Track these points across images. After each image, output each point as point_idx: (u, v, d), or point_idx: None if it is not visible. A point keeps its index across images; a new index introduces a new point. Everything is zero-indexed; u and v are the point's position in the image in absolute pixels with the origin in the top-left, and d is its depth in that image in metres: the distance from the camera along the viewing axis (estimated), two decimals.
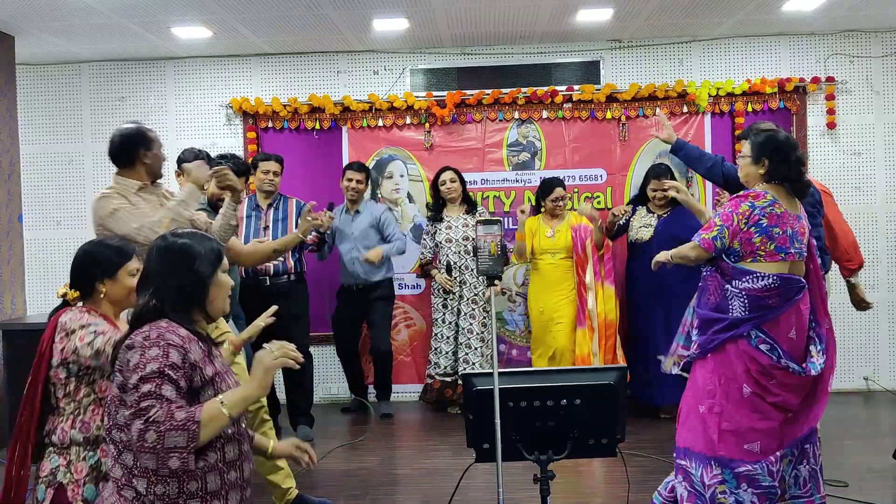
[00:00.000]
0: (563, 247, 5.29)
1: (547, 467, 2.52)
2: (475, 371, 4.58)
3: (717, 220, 3.02)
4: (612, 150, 6.01)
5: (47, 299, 6.22)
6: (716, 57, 6.02)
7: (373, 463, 4.61)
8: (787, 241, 2.96)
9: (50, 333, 2.40)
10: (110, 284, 2.46)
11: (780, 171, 3.02)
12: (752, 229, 2.95)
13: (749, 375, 2.94)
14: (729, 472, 2.94)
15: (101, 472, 2.36)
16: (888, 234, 5.96)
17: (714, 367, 3.01)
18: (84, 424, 2.37)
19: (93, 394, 2.39)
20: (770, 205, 2.97)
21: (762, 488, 2.92)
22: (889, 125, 5.97)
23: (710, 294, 3.06)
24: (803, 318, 3.00)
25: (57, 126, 6.24)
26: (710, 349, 3.02)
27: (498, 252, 2.63)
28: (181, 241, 2.11)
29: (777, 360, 2.91)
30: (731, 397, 2.96)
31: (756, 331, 2.93)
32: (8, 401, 4.67)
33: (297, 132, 6.10)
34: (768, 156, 3.04)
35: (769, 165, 3.03)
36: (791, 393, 2.96)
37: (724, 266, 3.00)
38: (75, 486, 2.35)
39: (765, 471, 2.93)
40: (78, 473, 2.36)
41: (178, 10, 4.97)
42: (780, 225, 2.96)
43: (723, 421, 2.96)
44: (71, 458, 2.36)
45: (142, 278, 2.12)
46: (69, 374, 2.36)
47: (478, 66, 6.09)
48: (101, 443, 2.37)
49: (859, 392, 5.93)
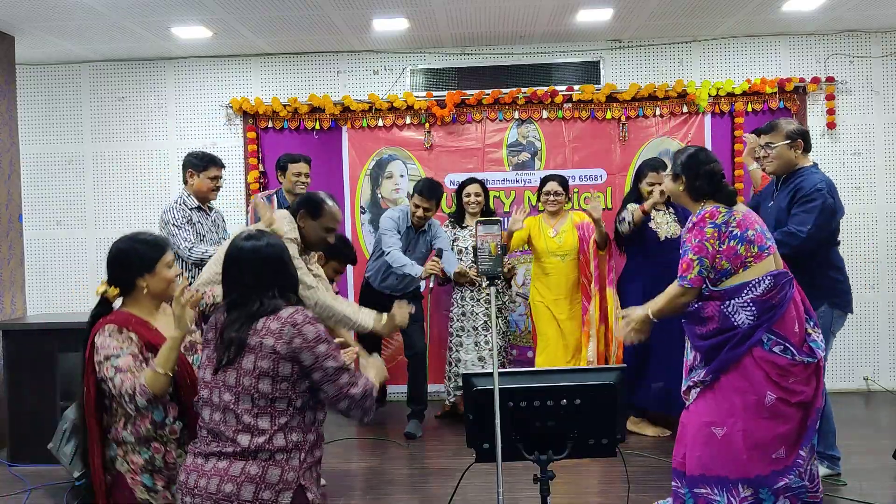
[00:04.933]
0: (571, 248, 5.10)
1: (547, 467, 2.52)
2: (475, 371, 4.57)
3: (689, 255, 2.97)
4: (612, 150, 6.01)
5: (47, 299, 6.23)
6: (716, 57, 6.03)
7: (373, 463, 4.61)
8: (762, 237, 2.98)
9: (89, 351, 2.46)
10: (150, 279, 2.53)
11: (698, 187, 3.06)
12: (731, 243, 2.94)
13: (769, 381, 2.89)
14: (766, 491, 2.89)
15: (155, 466, 2.46)
16: (888, 234, 5.97)
17: (728, 386, 2.95)
18: (135, 427, 2.45)
19: None
20: (728, 215, 2.97)
21: (793, 490, 2.91)
22: (889, 125, 5.97)
23: (707, 323, 3.00)
24: (800, 308, 3.00)
25: (57, 126, 6.24)
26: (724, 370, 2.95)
27: (498, 252, 2.63)
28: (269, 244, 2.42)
29: (792, 358, 2.90)
30: (751, 410, 2.90)
31: (768, 334, 2.92)
32: (8, 400, 4.67)
33: (297, 132, 6.10)
34: (683, 173, 3.09)
35: (686, 182, 3.08)
36: (808, 385, 2.94)
37: (716, 294, 2.97)
38: (133, 475, 2.45)
39: (796, 475, 2.91)
40: (134, 464, 2.45)
41: (178, 10, 4.97)
42: (749, 226, 2.97)
43: (747, 437, 2.90)
44: (126, 450, 2.46)
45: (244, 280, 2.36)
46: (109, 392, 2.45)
47: (478, 66, 6.09)
48: (152, 440, 2.46)
49: (859, 392, 5.93)
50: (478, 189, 5.36)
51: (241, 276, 2.33)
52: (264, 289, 2.31)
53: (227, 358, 2.25)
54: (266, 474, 2.21)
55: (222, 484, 2.19)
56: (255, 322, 2.26)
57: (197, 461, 2.27)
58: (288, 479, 2.23)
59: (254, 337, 2.25)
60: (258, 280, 2.32)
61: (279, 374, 2.23)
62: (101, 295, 2.52)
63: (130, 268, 2.51)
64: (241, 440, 2.22)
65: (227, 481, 2.19)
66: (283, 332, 2.23)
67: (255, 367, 2.23)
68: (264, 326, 2.25)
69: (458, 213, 5.48)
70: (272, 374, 2.23)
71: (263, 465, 2.22)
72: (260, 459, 2.22)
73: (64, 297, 6.25)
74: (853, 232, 5.92)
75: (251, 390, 2.23)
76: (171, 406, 2.49)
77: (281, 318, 2.25)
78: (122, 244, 2.55)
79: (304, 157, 5.01)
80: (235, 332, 2.25)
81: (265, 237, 2.39)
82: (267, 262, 2.35)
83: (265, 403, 2.24)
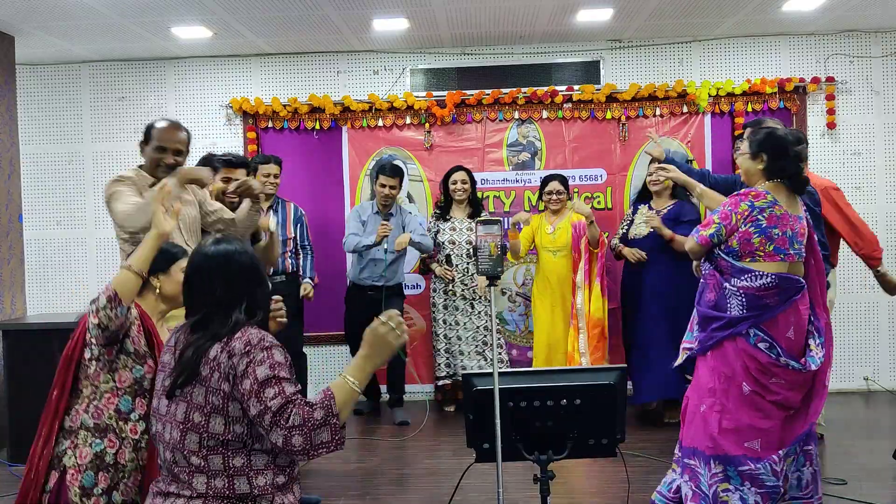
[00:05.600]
0: (563, 244, 5.27)
1: (547, 467, 2.52)
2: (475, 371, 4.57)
3: (715, 217, 3.03)
4: (612, 150, 6.01)
5: (47, 299, 6.22)
6: (716, 57, 6.03)
7: (373, 463, 4.61)
8: (786, 242, 2.96)
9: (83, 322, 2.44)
10: (164, 279, 2.56)
11: (779, 166, 3.02)
12: (749, 228, 2.95)
13: (748, 374, 2.95)
14: (733, 470, 2.94)
15: (104, 462, 2.40)
16: (888, 234, 5.96)
17: (714, 365, 3.03)
18: (97, 410, 2.41)
19: (112, 381, 2.44)
20: (770, 206, 2.97)
21: (766, 488, 2.92)
22: (889, 125, 5.97)
23: (710, 291, 3.07)
24: (802, 319, 3.00)
25: (57, 126, 6.24)
26: (710, 347, 3.03)
27: (498, 252, 2.63)
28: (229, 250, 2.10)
29: (776, 358, 2.91)
30: (732, 395, 2.97)
31: (755, 329, 2.94)
32: (8, 400, 4.67)
33: (297, 132, 6.10)
34: (767, 151, 3.04)
35: (768, 161, 3.03)
36: (792, 391, 2.95)
37: (724, 264, 3.01)
38: (75, 471, 2.38)
39: (768, 470, 2.92)
40: (81, 458, 2.39)
41: (178, 10, 4.97)
42: (779, 226, 2.96)
43: (723, 419, 2.96)
44: (77, 442, 2.40)
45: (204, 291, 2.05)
46: (91, 356, 2.41)
47: (478, 66, 6.09)
48: (109, 432, 2.41)
49: (859, 392, 5.93)
50: (464, 176, 5.48)
51: (209, 288, 2.04)
52: (233, 303, 2.03)
53: (179, 383, 1.96)
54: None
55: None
56: (210, 348, 1.96)
57: (155, 501, 2.02)
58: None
59: (205, 367, 1.95)
60: (228, 292, 2.03)
61: (229, 414, 1.93)
62: None
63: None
64: (197, 484, 1.94)
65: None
66: (231, 367, 1.93)
67: (207, 403, 1.94)
68: (215, 358, 1.95)
69: (444, 203, 5.57)
70: (223, 414, 1.93)
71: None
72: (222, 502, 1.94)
73: (64, 297, 6.24)
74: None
75: (199, 429, 1.94)
76: (140, 401, 2.46)
77: (231, 351, 1.94)
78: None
79: (274, 159, 5.20)
80: (191, 354, 1.96)
81: (235, 242, 2.12)
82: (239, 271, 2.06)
83: (215, 444, 1.94)
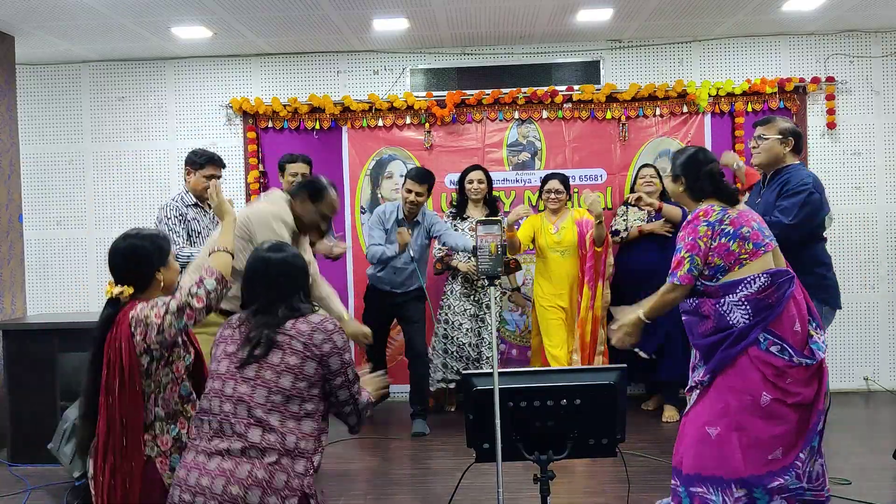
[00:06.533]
0: (570, 243, 5.20)
1: (547, 467, 2.52)
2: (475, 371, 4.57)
3: (682, 252, 2.98)
4: (611, 150, 6.01)
5: (47, 299, 6.23)
6: (716, 57, 6.03)
7: (373, 463, 4.61)
8: (758, 235, 2.98)
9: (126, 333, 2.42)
10: (165, 272, 2.59)
11: (698, 187, 3.09)
12: (723, 240, 2.94)
13: (766, 381, 2.88)
14: (760, 490, 2.87)
15: (181, 442, 2.51)
16: (888, 234, 5.97)
17: (724, 385, 2.94)
18: (165, 401, 2.49)
19: (171, 373, 2.52)
20: (722, 213, 2.99)
21: (790, 491, 2.89)
22: (889, 125, 5.97)
23: (705, 321, 3.00)
24: (802, 308, 2.98)
25: (57, 126, 6.24)
26: (720, 370, 2.95)
27: (498, 252, 2.64)
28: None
29: (790, 359, 2.89)
30: (748, 410, 2.89)
31: (764, 334, 2.91)
32: (8, 401, 4.67)
33: (297, 132, 6.10)
34: (683, 174, 3.12)
35: (686, 183, 3.11)
36: (807, 387, 2.92)
37: (711, 290, 2.97)
38: (163, 458, 2.47)
39: (793, 476, 2.88)
40: (164, 445, 2.48)
41: (178, 10, 4.97)
42: (744, 223, 2.97)
43: (743, 437, 2.89)
44: (156, 432, 2.47)
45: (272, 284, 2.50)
46: (152, 360, 2.45)
47: (478, 66, 6.09)
48: (179, 416, 2.52)
49: (859, 392, 5.93)
50: (481, 176, 5.40)
51: (266, 288, 2.47)
52: (288, 297, 2.46)
53: (257, 353, 2.35)
54: (273, 479, 2.23)
55: (228, 486, 2.21)
56: (283, 323, 2.40)
57: (198, 459, 2.29)
58: (293, 485, 2.25)
59: (282, 335, 2.37)
60: (282, 291, 2.46)
61: (303, 372, 2.34)
62: (114, 296, 2.50)
63: (150, 262, 2.54)
64: (252, 435, 2.27)
65: (232, 483, 2.21)
66: (314, 336, 2.38)
67: (282, 362, 2.34)
68: (293, 327, 2.39)
69: (459, 203, 5.51)
70: (296, 372, 2.33)
71: (270, 469, 2.24)
72: (266, 462, 2.24)
73: (64, 297, 6.25)
74: (853, 232, 5.93)
75: (270, 384, 2.31)
76: (190, 381, 2.59)
77: (311, 321, 2.41)
78: (134, 241, 2.55)
79: (303, 157, 5.11)
80: (266, 330, 2.37)
81: (288, 248, 2.59)
82: (292, 273, 2.52)
83: (280, 400, 2.31)
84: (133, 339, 2.41)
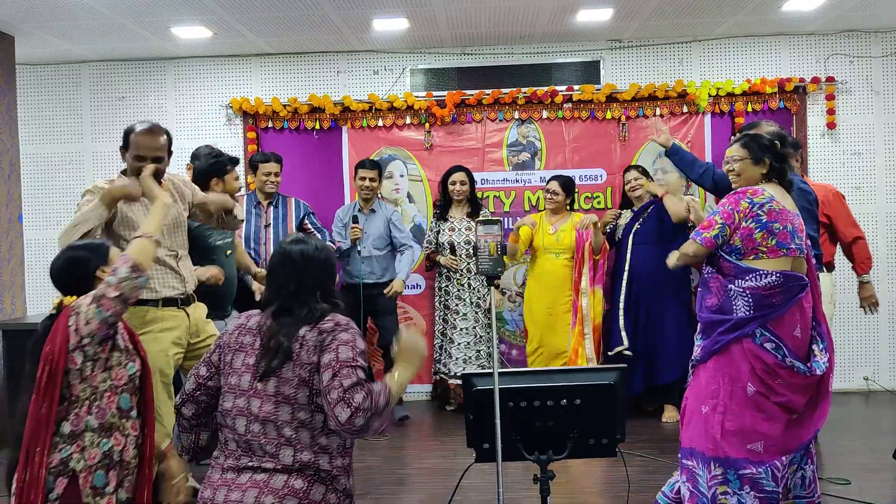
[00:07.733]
0: (567, 246, 5.26)
1: (547, 467, 2.52)
2: (475, 371, 4.58)
3: (717, 217, 3.02)
4: (611, 150, 6.01)
5: (47, 299, 6.21)
6: (716, 57, 6.02)
7: (373, 462, 4.61)
8: (787, 236, 2.97)
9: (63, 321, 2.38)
10: (106, 268, 2.53)
11: (780, 169, 3.10)
12: (751, 224, 2.96)
13: (754, 374, 2.93)
14: (733, 473, 2.93)
15: (112, 460, 2.39)
16: (888, 234, 5.97)
17: (718, 367, 3.00)
18: (100, 410, 2.38)
19: (109, 380, 2.41)
20: (769, 201, 2.99)
21: (765, 492, 2.91)
22: (889, 125, 5.97)
23: (713, 296, 3.05)
24: (807, 316, 3.00)
25: (57, 126, 6.24)
26: (715, 351, 3.00)
27: (498, 252, 2.63)
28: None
29: (782, 359, 2.90)
30: (736, 397, 2.95)
31: (761, 329, 2.92)
32: (8, 401, 4.66)
33: (297, 132, 6.10)
34: (769, 155, 3.10)
35: (771, 164, 3.10)
36: (796, 393, 2.94)
37: (726, 265, 3.00)
38: (87, 473, 2.35)
39: (769, 475, 2.91)
40: (91, 459, 2.36)
41: (178, 10, 4.97)
42: (779, 220, 2.97)
43: (726, 420, 2.94)
44: (85, 444, 2.37)
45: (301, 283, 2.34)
46: (85, 358, 2.37)
47: (478, 66, 6.09)
48: (114, 430, 2.40)
49: (859, 392, 5.93)
50: (463, 177, 5.49)
51: (288, 281, 2.32)
52: (310, 293, 2.31)
53: (273, 365, 2.20)
54: (311, 490, 2.16)
55: (261, 496, 2.11)
56: (299, 329, 2.24)
57: (227, 476, 2.19)
58: (330, 500, 2.20)
59: (295, 345, 2.22)
60: (303, 285, 2.31)
61: (314, 385, 2.19)
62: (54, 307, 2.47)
63: (88, 264, 2.52)
64: (284, 456, 2.17)
65: (266, 493, 2.11)
66: (319, 342, 2.22)
67: (295, 376, 2.20)
68: (304, 336, 2.23)
69: (443, 204, 5.58)
70: (309, 385, 2.19)
71: (308, 480, 2.17)
72: (305, 475, 2.17)
73: None
74: None
75: (291, 401, 2.19)
76: (134, 399, 2.47)
77: (321, 328, 2.23)
78: (69, 253, 2.56)
79: (274, 157, 5.28)
80: (284, 339, 2.22)
81: (312, 240, 2.41)
82: (315, 266, 2.35)
83: (305, 416, 2.19)
84: (68, 329, 2.36)
